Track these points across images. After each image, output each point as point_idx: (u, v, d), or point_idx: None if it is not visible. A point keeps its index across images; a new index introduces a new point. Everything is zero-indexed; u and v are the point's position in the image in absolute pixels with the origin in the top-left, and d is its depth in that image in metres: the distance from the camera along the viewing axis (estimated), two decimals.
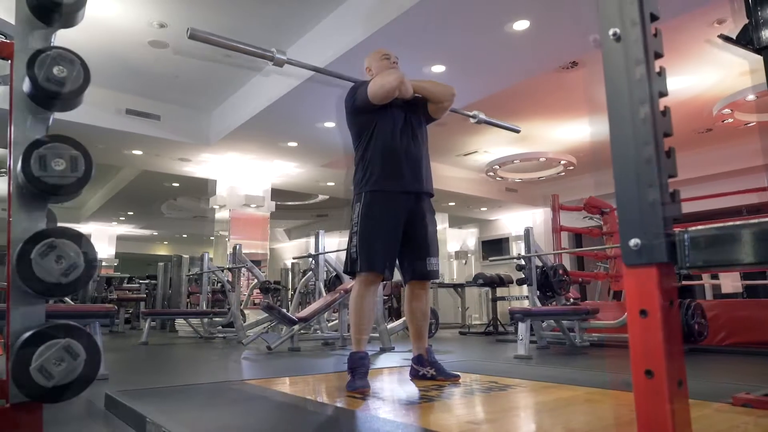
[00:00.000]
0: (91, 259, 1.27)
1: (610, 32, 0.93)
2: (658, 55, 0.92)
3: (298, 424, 1.45)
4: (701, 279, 7.34)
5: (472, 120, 2.91)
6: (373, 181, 2.23)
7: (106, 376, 2.86)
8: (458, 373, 2.35)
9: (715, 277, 7.21)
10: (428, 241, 2.33)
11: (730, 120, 5.91)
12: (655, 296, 0.85)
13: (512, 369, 2.88)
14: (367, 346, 5.09)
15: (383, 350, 4.59)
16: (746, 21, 1.76)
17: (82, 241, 1.27)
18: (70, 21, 1.41)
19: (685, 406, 0.83)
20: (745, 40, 1.75)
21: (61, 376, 1.18)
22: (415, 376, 2.37)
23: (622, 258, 0.88)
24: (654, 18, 0.91)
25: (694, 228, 0.86)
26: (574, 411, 1.61)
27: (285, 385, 2.24)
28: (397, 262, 2.39)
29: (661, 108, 0.90)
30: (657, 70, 0.91)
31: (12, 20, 1.58)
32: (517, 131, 3.17)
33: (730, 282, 6.41)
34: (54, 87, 1.28)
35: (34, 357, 1.16)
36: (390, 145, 2.26)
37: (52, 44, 1.53)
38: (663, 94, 0.90)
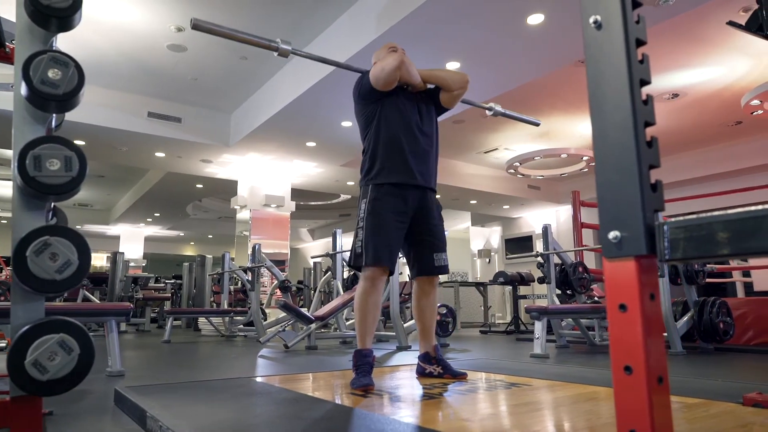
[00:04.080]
0: (85, 257, 1.30)
1: (591, 20, 0.91)
2: (641, 43, 0.89)
3: (292, 419, 1.45)
4: (732, 276, 7.11)
5: (488, 113, 2.80)
6: (377, 173, 2.22)
7: (122, 373, 2.93)
8: (465, 371, 2.33)
9: (747, 274, 6.97)
10: (435, 236, 2.31)
11: (760, 111, 5.70)
12: (635, 290, 0.83)
13: (525, 368, 2.84)
14: (386, 344, 5.08)
15: (400, 348, 4.58)
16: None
17: (76, 238, 1.30)
18: (67, 24, 1.44)
19: (666, 403, 0.81)
20: (755, 26, 1.68)
21: (55, 370, 1.22)
22: (422, 373, 2.35)
23: (602, 252, 0.86)
24: (636, 5, 0.88)
25: (673, 219, 0.84)
26: (574, 409, 1.57)
27: (291, 382, 2.26)
28: (405, 258, 2.38)
29: (643, 97, 0.88)
30: (639, 58, 0.89)
31: None
32: (537, 124, 3.07)
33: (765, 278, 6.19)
34: (48, 89, 1.32)
35: (28, 351, 1.20)
36: (396, 137, 2.24)
37: (54, 48, 1.58)
38: (645, 82, 0.88)
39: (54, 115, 1.62)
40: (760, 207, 0.75)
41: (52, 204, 1.81)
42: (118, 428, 1.76)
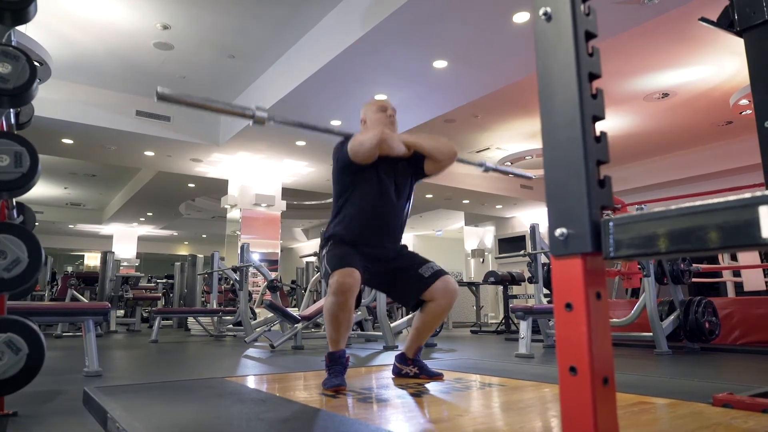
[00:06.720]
0: (36, 255, 1.27)
1: (541, 11, 0.89)
2: (591, 35, 0.87)
3: (252, 420, 1.43)
4: (722, 276, 7.10)
5: (480, 169, 2.65)
6: (340, 239, 2.17)
7: (99, 373, 2.90)
8: (442, 372, 2.30)
9: (737, 274, 6.96)
10: (411, 260, 2.24)
11: (749, 111, 5.69)
12: (580, 288, 0.80)
13: (505, 368, 2.82)
14: (373, 344, 5.04)
15: (386, 348, 4.56)
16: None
17: (27, 237, 1.27)
18: (22, 17, 1.41)
19: (611, 405, 0.79)
20: (726, 22, 1.66)
21: (1, 370, 1.19)
22: (398, 374, 2.32)
23: (550, 249, 0.84)
24: None
25: (618, 216, 0.81)
26: (544, 409, 1.55)
27: (266, 383, 2.23)
28: (395, 300, 2.31)
29: (593, 91, 0.85)
30: (589, 51, 0.87)
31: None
32: (530, 178, 3.02)
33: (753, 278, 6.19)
34: None
35: None
36: (367, 214, 2.18)
37: (13, 42, 1.55)
38: (595, 75, 0.86)
39: (12, 110, 1.60)
40: (699, 203, 0.73)
41: (14, 202, 1.78)
42: (81, 430, 1.73)
